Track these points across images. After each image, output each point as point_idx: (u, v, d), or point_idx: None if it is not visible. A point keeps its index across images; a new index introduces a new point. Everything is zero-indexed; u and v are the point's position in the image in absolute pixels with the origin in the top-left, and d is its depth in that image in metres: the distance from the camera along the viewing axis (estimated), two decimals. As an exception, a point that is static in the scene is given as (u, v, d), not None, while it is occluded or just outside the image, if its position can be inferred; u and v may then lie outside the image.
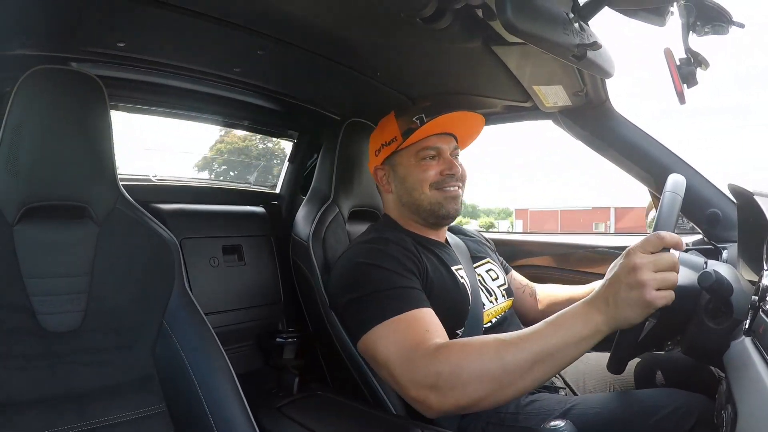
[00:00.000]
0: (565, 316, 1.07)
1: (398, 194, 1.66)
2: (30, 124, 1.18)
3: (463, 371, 1.09)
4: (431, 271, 1.46)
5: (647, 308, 0.99)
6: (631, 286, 0.99)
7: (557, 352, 1.04)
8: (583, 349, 1.05)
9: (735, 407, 0.87)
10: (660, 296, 0.98)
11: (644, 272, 0.98)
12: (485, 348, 1.10)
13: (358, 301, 1.35)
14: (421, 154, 1.59)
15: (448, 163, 1.60)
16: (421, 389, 1.14)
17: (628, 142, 1.95)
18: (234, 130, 2.72)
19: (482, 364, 1.08)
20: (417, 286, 1.36)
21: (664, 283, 0.99)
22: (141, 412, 1.22)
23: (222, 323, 1.85)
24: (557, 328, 1.06)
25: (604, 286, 1.05)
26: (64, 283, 1.20)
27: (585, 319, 1.04)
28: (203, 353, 1.25)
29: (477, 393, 1.08)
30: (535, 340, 1.06)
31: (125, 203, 1.31)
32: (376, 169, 1.70)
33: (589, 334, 1.03)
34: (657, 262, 1.00)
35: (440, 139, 1.60)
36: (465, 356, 1.11)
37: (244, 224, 2.12)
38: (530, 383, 1.07)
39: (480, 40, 1.47)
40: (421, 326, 1.24)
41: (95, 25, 1.40)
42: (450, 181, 1.59)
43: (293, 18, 1.39)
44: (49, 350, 1.16)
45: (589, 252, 2.27)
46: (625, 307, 1.00)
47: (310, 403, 1.54)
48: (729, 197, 1.82)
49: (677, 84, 1.35)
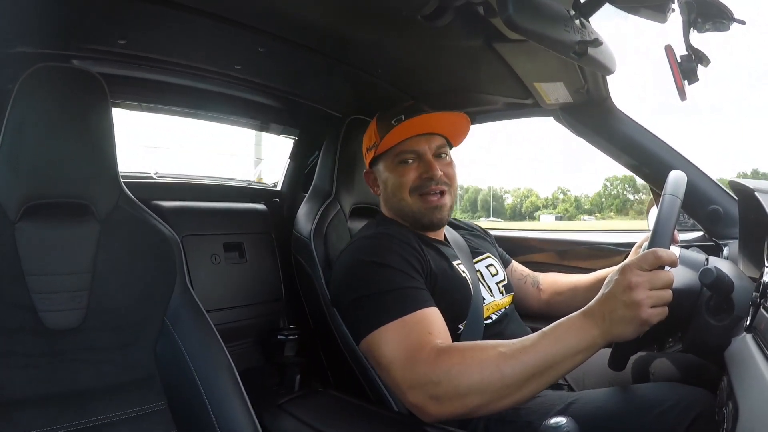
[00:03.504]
0: (562, 328, 1.09)
1: (384, 198, 1.66)
2: (31, 122, 1.17)
3: (462, 383, 1.10)
4: (434, 266, 1.46)
5: (643, 326, 1.01)
6: (626, 305, 1.01)
7: (555, 365, 1.06)
8: (579, 360, 1.07)
9: (736, 404, 0.87)
10: (655, 313, 1.00)
11: (640, 291, 1.00)
12: (486, 360, 1.10)
13: (361, 301, 1.34)
14: (399, 157, 1.58)
15: (426, 166, 1.56)
16: (420, 396, 1.15)
17: (629, 139, 1.95)
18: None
19: (482, 377, 1.09)
20: (421, 286, 1.35)
21: (659, 300, 1.01)
22: (142, 409, 1.22)
23: (223, 320, 1.85)
24: (555, 341, 1.07)
25: (600, 301, 1.06)
26: (66, 280, 1.20)
27: (581, 333, 1.06)
28: (205, 350, 1.25)
29: (474, 403, 1.10)
30: (533, 354, 1.08)
31: (127, 201, 1.31)
32: (366, 172, 1.71)
33: (586, 347, 1.05)
34: (653, 280, 1.01)
35: (420, 141, 1.57)
36: (465, 367, 1.11)
37: (245, 221, 2.12)
38: (527, 394, 1.09)
39: (481, 38, 1.47)
40: (424, 328, 1.24)
41: (96, 23, 1.40)
42: (429, 185, 1.56)
43: (294, 15, 1.39)
44: (50, 348, 1.16)
45: (591, 249, 2.27)
46: (620, 324, 1.02)
47: (311, 401, 1.54)
48: (730, 194, 1.83)
49: (678, 80, 1.35)
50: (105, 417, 1.17)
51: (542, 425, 0.93)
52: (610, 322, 1.02)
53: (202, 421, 1.18)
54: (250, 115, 2.28)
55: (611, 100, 1.92)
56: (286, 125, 2.41)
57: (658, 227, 1.13)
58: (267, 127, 2.42)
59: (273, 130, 2.42)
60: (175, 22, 1.39)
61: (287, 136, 2.47)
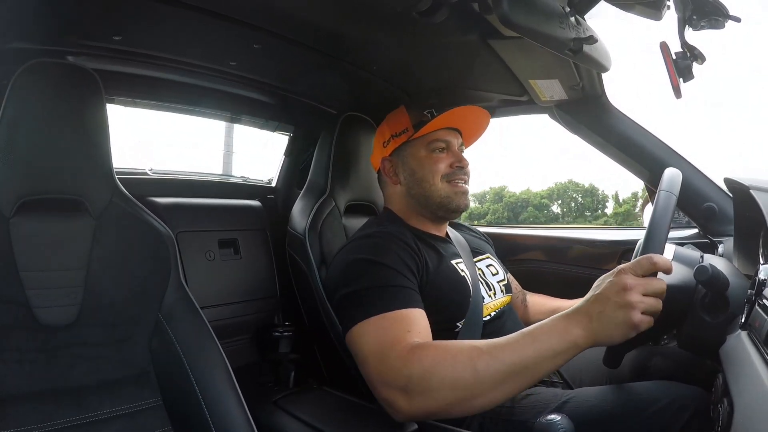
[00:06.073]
0: (542, 328, 1.07)
1: (407, 186, 1.65)
2: (26, 118, 1.17)
3: (434, 377, 1.08)
4: (431, 265, 1.46)
5: (631, 330, 1.00)
6: (619, 306, 1.00)
7: (532, 365, 1.04)
8: (558, 363, 1.05)
9: (731, 401, 0.87)
10: (645, 320, 0.99)
11: (634, 294, 0.99)
12: (459, 355, 1.09)
13: (349, 296, 1.33)
14: (431, 146, 1.61)
15: (457, 156, 1.62)
16: (390, 390, 1.14)
17: (625, 136, 1.95)
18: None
19: (454, 372, 1.07)
20: (411, 286, 1.35)
21: (650, 308, 1.00)
22: (137, 405, 1.22)
23: (218, 317, 1.85)
24: (533, 340, 1.05)
25: (589, 302, 1.05)
26: (60, 276, 1.20)
27: (562, 333, 1.04)
28: (199, 347, 1.25)
29: (446, 400, 1.08)
30: (509, 352, 1.06)
31: (121, 197, 1.31)
32: (384, 160, 1.70)
33: (565, 348, 1.03)
34: (647, 286, 1.01)
35: (449, 134, 1.63)
36: (438, 361, 1.09)
37: (240, 218, 2.12)
38: (502, 395, 1.07)
39: (476, 34, 1.47)
40: (404, 326, 1.22)
41: (92, 19, 1.39)
42: (459, 174, 1.61)
43: (290, 12, 1.40)
44: (45, 344, 1.15)
45: (587, 246, 2.27)
46: (609, 325, 1.00)
47: (305, 397, 1.54)
48: (725, 191, 1.83)
49: (673, 78, 1.36)
50: (100, 413, 1.17)
51: (537, 422, 0.93)
52: (599, 322, 1.01)
53: (197, 418, 1.17)
54: (244, 111, 2.28)
55: (606, 96, 1.93)
56: (281, 122, 2.41)
57: (654, 224, 1.13)
58: (262, 124, 2.41)
59: (268, 126, 2.42)
60: (170, 18, 1.39)
61: (282, 132, 2.47)
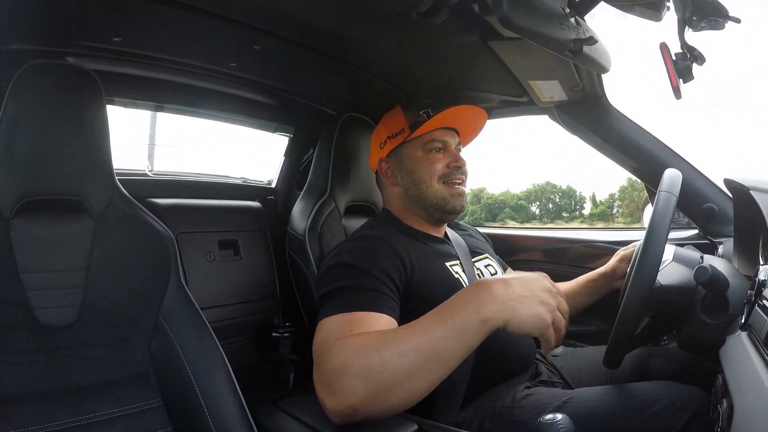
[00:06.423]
0: (455, 299, 1.04)
1: (404, 187, 1.64)
2: (26, 119, 1.17)
3: (348, 369, 1.01)
4: (422, 267, 1.44)
5: (541, 329, 0.99)
6: (541, 301, 1.00)
7: (443, 349, 0.99)
8: (468, 343, 0.99)
9: (731, 401, 0.87)
10: (553, 329, 1.00)
11: (555, 301, 1.01)
12: (369, 345, 1.03)
13: (323, 296, 1.30)
14: (428, 146, 1.60)
15: (454, 156, 1.61)
16: (320, 388, 1.06)
17: (625, 137, 1.95)
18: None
19: (361, 363, 1.00)
20: (386, 291, 1.29)
21: (558, 322, 1.01)
22: (137, 406, 1.22)
23: (218, 318, 1.85)
24: (440, 315, 1.02)
25: (515, 279, 1.03)
26: (60, 277, 1.20)
27: (476, 304, 0.99)
28: (199, 348, 1.25)
29: (361, 394, 0.99)
30: (415, 332, 1.01)
31: (121, 198, 1.31)
32: (381, 161, 1.69)
33: (477, 322, 0.98)
34: (562, 304, 1.03)
35: (445, 133, 1.62)
36: (353, 352, 1.03)
37: (240, 219, 2.12)
38: (418, 384, 1.00)
39: (476, 35, 1.47)
40: (358, 327, 1.14)
41: (91, 20, 1.40)
42: (456, 173, 1.60)
43: (290, 13, 1.40)
44: (44, 345, 1.15)
45: (585, 247, 2.27)
46: (526, 312, 0.98)
47: (305, 398, 1.53)
48: (725, 192, 1.83)
49: (673, 79, 1.36)
50: (100, 414, 1.17)
51: (537, 422, 0.93)
52: (520, 303, 0.99)
53: (197, 418, 1.18)
54: (244, 112, 2.28)
55: (606, 97, 1.93)
56: (281, 123, 2.41)
57: (654, 224, 1.14)
58: (262, 125, 2.42)
59: (268, 127, 2.42)
60: (170, 19, 1.39)
61: (282, 133, 2.46)
